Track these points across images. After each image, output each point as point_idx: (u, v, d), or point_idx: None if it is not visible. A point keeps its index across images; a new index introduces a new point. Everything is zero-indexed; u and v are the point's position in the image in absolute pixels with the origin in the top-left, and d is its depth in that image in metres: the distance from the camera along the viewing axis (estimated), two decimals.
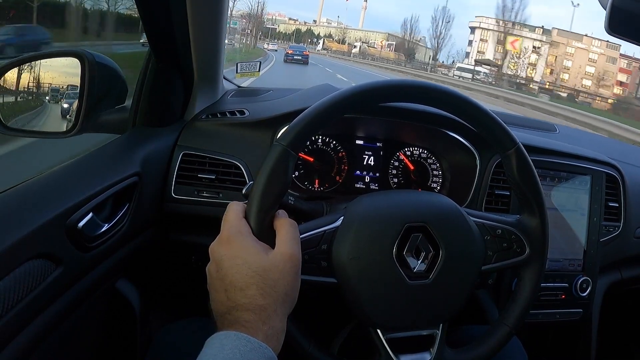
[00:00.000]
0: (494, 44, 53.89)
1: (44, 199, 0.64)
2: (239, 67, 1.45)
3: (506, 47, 49.58)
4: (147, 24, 0.91)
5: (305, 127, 0.58)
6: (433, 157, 1.09)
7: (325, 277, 0.61)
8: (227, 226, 0.54)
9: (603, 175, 1.07)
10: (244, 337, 0.46)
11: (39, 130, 0.93)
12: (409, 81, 0.63)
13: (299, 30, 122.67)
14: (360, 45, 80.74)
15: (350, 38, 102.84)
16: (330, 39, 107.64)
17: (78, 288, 0.68)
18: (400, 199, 0.68)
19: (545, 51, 52.04)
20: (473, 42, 60.44)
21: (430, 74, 32.55)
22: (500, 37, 51.13)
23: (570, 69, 51.25)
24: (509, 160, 0.65)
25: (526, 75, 46.66)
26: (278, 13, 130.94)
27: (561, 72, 51.48)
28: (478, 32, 59.39)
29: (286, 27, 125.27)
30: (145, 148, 0.86)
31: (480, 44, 58.41)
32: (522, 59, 48.47)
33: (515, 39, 49.75)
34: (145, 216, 0.86)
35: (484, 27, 58.27)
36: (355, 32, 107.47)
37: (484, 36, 58.05)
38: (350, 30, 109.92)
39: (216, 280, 0.52)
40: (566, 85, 41.46)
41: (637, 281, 1.25)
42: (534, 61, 51.86)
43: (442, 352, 0.64)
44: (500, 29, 51.06)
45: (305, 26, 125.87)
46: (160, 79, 0.97)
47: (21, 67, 0.84)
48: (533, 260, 0.67)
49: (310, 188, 1.04)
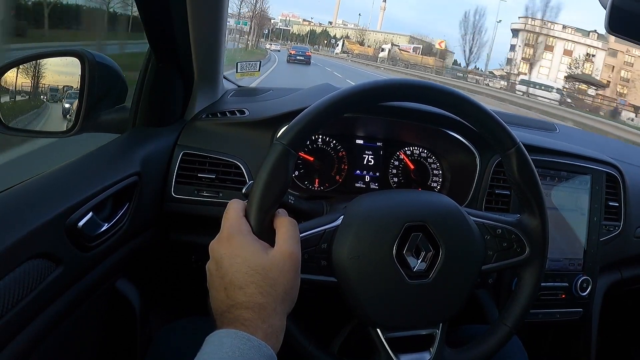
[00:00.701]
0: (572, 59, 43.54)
1: (44, 199, 0.64)
2: (239, 67, 1.45)
3: None
4: (147, 24, 0.91)
5: (306, 126, 0.58)
6: (433, 157, 1.09)
7: (325, 276, 0.61)
8: (227, 224, 0.54)
9: (603, 174, 1.07)
10: (243, 336, 0.46)
11: (39, 130, 0.93)
12: (409, 81, 0.63)
13: (314, 31, 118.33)
14: (390, 48, 68.35)
15: (369, 40, 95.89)
16: (350, 40, 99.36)
17: (78, 288, 0.68)
18: (401, 199, 0.68)
19: (601, 60, 44.77)
20: (516, 47, 52.33)
21: (508, 93, 24.36)
22: (548, 42, 43.83)
23: (631, 81, 44.21)
24: (509, 160, 0.65)
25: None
26: (292, 14, 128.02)
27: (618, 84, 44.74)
28: (522, 35, 51.23)
29: (300, 29, 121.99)
30: (145, 148, 0.86)
31: (526, 50, 50.41)
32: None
33: None
34: (145, 216, 0.86)
35: (529, 29, 49.52)
36: (375, 34, 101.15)
37: (529, 40, 49.44)
38: (369, 32, 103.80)
39: (216, 278, 0.52)
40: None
41: (637, 281, 1.25)
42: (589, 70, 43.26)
43: (442, 351, 0.64)
44: (543, 31, 44.16)
45: (321, 27, 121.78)
46: (160, 79, 0.97)
47: (21, 66, 0.84)
48: (533, 260, 0.67)
49: (310, 187, 1.04)
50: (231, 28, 33.01)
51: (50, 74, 0.88)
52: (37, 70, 0.86)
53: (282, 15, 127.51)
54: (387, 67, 39.75)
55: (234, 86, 1.32)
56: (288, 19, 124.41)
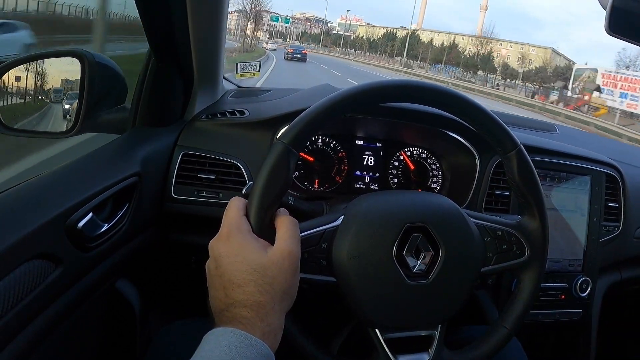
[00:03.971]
0: None
1: (43, 199, 0.64)
2: (239, 67, 1.45)
3: None
4: (147, 24, 0.91)
5: (307, 125, 0.58)
6: (433, 158, 1.09)
7: (325, 276, 0.61)
8: (227, 223, 0.54)
9: (603, 175, 1.07)
10: (241, 334, 0.47)
11: (39, 130, 0.93)
12: (410, 81, 0.63)
13: (393, 35, 77.21)
14: None
15: (498, 57, 58.61)
16: None
17: (78, 288, 0.68)
18: (401, 199, 0.68)
19: None
20: None
21: None
22: None
23: None
24: (509, 162, 0.65)
25: None
26: (354, 17, 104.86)
27: None
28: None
29: (368, 31, 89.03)
30: (145, 148, 0.87)
31: None
32: None
33: None
34: (145, 216, 0.86)
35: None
36: (511, 46, 62.66)
37: None
38: (496, 42, 62.57)
39: (215, 276, 0.52)
40: None
41: (636, 281, 1.25)
42: None
43: (440, 352, 0.64)
44: None
45: (403, 30, 78.89)
46: (160, 79, 0.97)
47: (21, 67, 0.84)
48: (533, 262, 0.67)
49: (310, 188, 1.04)
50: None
51: (51, 74, 0.88)
52: (37, 71, 0.86)
53: (342, 18, 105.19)
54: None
55: (234, 86, 1.32)
56: (349, 22, 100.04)
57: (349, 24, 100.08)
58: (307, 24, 33.76)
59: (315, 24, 39.53)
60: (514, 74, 54.45)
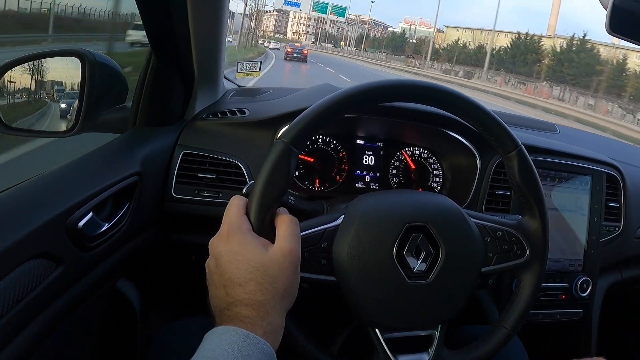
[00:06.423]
0: None
1: (44, 199, 0.64)
2: (239, 66, 1.45)
3: None
4: (147, 23, 0.91)
5: (307, 125, 0.58)
6: (434, 157, 1.08)
7: (325, 276, 0.61)
8: (227, 222, 0.54)
9: (603, 175, 1.07)
10: (243, 333, 0.46)
11: (39, 129, 0.93)
12: (410, 81, 0.63)
13: (522, 42, 47.35)
14: None
15: None
16: None
17: (78, 288, 0.68)
18: (401, 199, 0.68)
19: None
20: None
21: None
22: None
23: None
24: (510, 162, 0.65)
25: None
26: (420, 20, 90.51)
27: None
28: None
29: (466, 36, 63.46)
30: (146, 148, 0.86)
31: None
32: None
33: None
34: (146, 216, 0.86)
35: None
36: None
37: None
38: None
39: (215, 275, 0.52)
40: None
41: (637, 281, 1.25)
42: None
43: (440, 352, 0.64)
44: None
45: (526, 36, 49.08)
46: (161, 79, 0.97)
47: (21, 66, 0.84)
48: (533, 263, 0.67)
49: (310, 188, 1.04)
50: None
51: (51, 74, 0.88)
52: (38, 70, 0.86)
53: (405, 22, 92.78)
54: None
55: (235, 86, 1.32)
56: (414, 27, 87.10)
57: (414, 29, 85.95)
58: (365, 27, 28.64)
59: (373, 27, 34.25)
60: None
